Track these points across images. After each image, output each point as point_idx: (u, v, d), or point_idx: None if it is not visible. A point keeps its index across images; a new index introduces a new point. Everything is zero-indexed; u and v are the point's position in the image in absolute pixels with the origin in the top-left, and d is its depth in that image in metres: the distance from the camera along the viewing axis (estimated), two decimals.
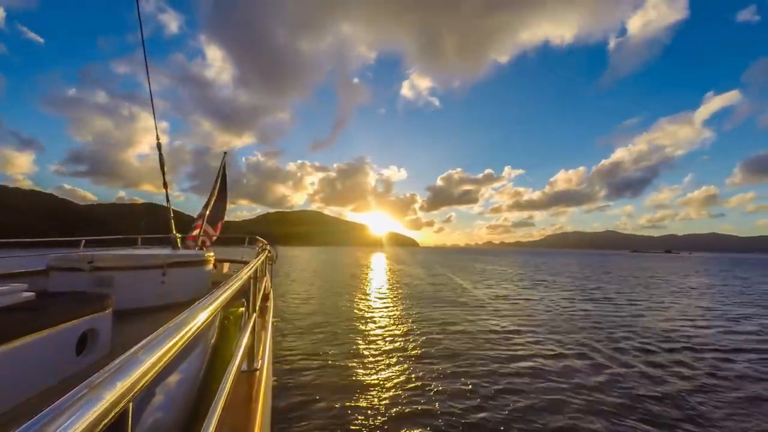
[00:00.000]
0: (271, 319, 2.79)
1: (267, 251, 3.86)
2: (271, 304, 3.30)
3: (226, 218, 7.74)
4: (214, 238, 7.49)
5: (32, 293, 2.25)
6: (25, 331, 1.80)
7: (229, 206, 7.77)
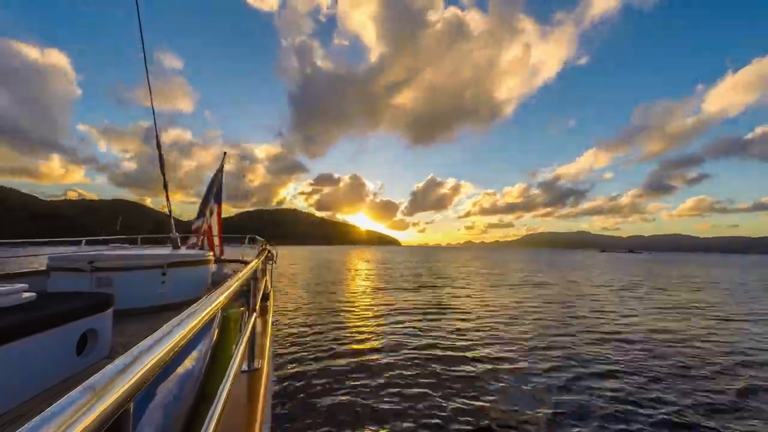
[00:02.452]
0: (271, 319, 2.80)
1: (267, 251, 3.84)
2: (271, 304, 3.30)
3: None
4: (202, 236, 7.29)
5: (32, 293, 2.23)
6: (25, 331, 1.80)
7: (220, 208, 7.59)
